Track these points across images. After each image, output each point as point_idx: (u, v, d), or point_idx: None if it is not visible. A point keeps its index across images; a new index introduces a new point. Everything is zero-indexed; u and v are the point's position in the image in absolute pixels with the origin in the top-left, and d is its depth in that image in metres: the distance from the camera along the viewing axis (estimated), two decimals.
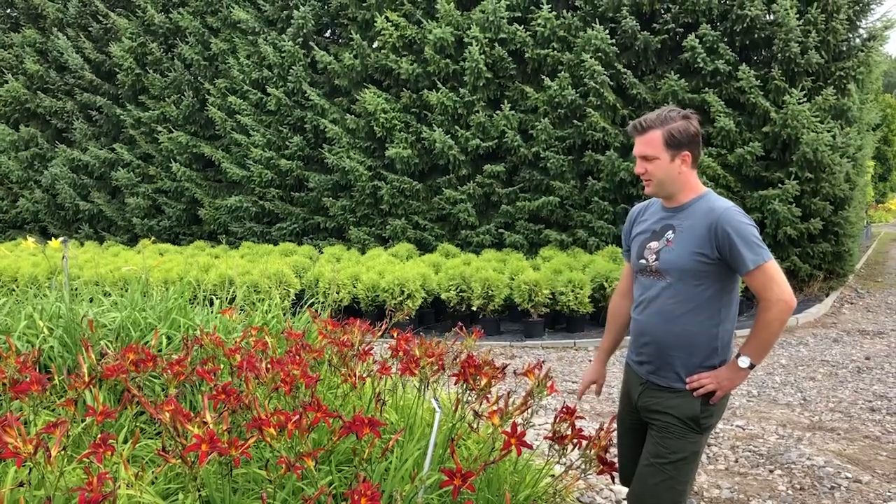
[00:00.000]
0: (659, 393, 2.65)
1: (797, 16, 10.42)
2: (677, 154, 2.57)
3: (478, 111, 11.88)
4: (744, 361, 2.54)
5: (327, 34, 14.11)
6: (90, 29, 16.12)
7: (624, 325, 2.98)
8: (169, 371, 3.04)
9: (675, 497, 2.59)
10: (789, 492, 4.28)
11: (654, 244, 2.66)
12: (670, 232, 2.62)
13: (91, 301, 4.62)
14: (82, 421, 2.82)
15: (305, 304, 5.07)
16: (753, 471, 4.59)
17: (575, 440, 2.96)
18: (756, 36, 10.70)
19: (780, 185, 10.49)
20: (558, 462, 2.99)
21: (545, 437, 3.04)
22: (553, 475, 3.34)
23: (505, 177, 12.03)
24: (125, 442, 2.92)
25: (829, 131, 10.33)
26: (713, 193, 2.66)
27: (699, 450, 2.65)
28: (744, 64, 10.58)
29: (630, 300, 2.91)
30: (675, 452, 2.58)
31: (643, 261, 2.69)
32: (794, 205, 10.47)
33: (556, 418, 3.01)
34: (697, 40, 10.61)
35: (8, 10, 18.00)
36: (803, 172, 10.41)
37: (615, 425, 2.99)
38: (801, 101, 10.27)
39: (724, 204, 2.57)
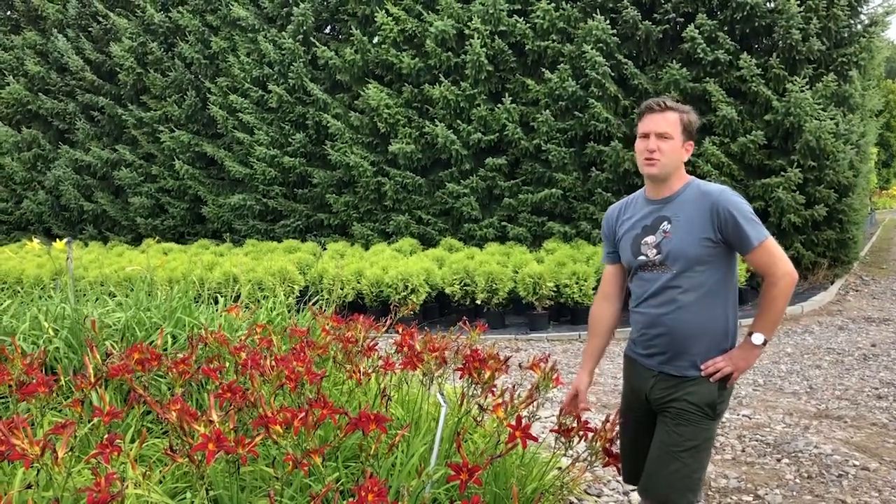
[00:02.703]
0: (673, 382, 2.61)
1: (798, 2, 10.38)
2: (685, 141, 2.61)
3: (479, 105, 11.87)
4: (758, 338, 2.54)
5: (327, 30, 14.09)
6: (90, 29, 16.12)
7: (609, 329, 2.92)
8: (174, 370, 3.05)
9: (689, 486, 2.55)
10: (797, 480, 4.27)
11: (650, 238, 2.63)
12: (666, 223, 2.60)
13: (96, 301, 4.63)
14: (89, 421, 2.83)
15: (310, 300, 5.07)
16: (760, 460, 4.59)
17: (581, 433, 2.95)
18: (756, 24, 10.66)
19: (782, 173, 10.46)
20: (565, 455, 2.99)
21: (551, 430, 3.03)
22: (560, 468, 3.34)
23: (507, 170, 12.02)
24: (132, 442, 2.93)
25: (831, 119, 10.30)
26: (697, 180, 2.67)
27: (712, 437, 2.63)
28: (745, 53, 10.54)
29: (613, 303, 2.89)
30: (690, 439, 2.55)
31: (643, 257, 2.64)
32: (798, 192, 10.45)
33: (561, 411, 2.99)
34: (697, 30, 10.58)
35: (8, 13, 18.01)
36: (806, 160, 10.38)
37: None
38: (803, 88, 10.23)
39: (716, 186, 2.59)
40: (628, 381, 2.83)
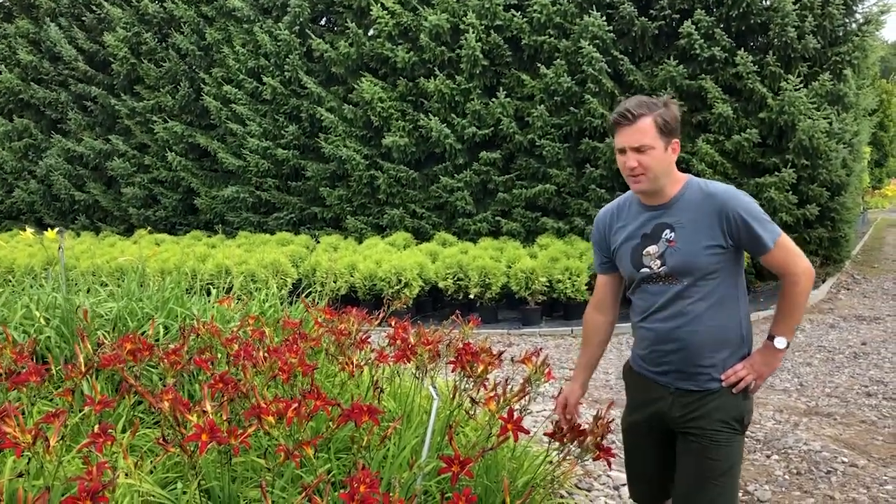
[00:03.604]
0: (694, 398, 2.43)
1: (793, 0, 10.39)
2: (669, 142, 2.36)
3: (474, 99, 11.85)
4: (780, 342, 2.39)
5: (322, 22, 14.04)
6: (83, 19, 16.00)
7: (603, 340, 2.75)
8: (166, 360, 3.04)
9: None
10: (786, 477, 4.30)
11: (652, 248, 2.42)
12: (668, 231, 2.39)
13: (88, 291, 4.62)
14: (80, 411, 2.83)
15: (302, 293, 5.07)
16: (750, 456, 4.61)
17: (576, 438, 2.88)
18: (752, 21, 10.66)
19: (776, 171, 10.48)
20: (557, 450, 2.99)
21: (545, 433, 3.02)
22: (551, 462, 3.35)
23: (501, 164, 12.01)
24: (123, 431, 2.93)
25: (825, 117, 10.32)
26: (695, 178, 2.46)
27: (743, 451, 2.50)
28: (741, 50, 10.56)
29: (607, 314, 2.72)
30: (725, 461, 2.37)
31: (646, 269, 2.44)
32: (791, 191, 10.48)
33: (557, 423, 2.93)
34: (693, 26, 10.58)
35: (0, 1, 17.88)
36: (800, 159, 10.41)
37: (612, 413, 2.94)
38: (797, 87, 10.25)
39: (720, 186, 2.39)
40: (636, 398, 2.64)
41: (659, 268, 2.40)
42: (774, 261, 2.36)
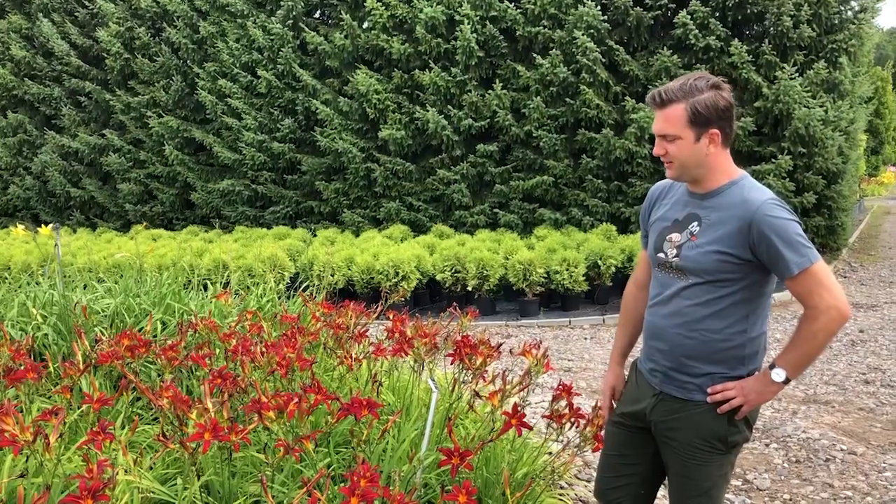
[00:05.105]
0: (676, 406, 2.28)
1: None
2: (703, 132, 2.17)
3: (470, 90, 11.83)
4: (778, 374, 2.17)
5: (316, 15, 13.99)
6: (76, 14, 15.94)
7: (639, 319, 2.53)
8: (163, 356, 3.03)
9: None
10: (785, 465, 4.31)
11: (675, 236, 2.27)
12: (695, 224, 2.23)
13: (85, 288, 4.61)
14: (78, 408, 2.82)
15: (300, 287, 5.07)
16: (749, 445, 4.62)
17: (573, 419, 2.90)
18: (748, 11, 10.66)
19: (773, 159, 10.50)
20: (555, 440, 2.99)
21: (543, 416, 3.03)
22: (550, 453, 3.35)
23: (498, 156, 12.00)
24: (122, 428, 2.92)
25: (821, 105, 10.33)
26: (750, 179, 2.26)
27: (729, 471, 2.31)
28: (735, 39, 10.55)
29: (646, 292, 2.49)
30: (704, 481, 2.24)
31: (661, 254, 2.30)
32: (788, 179, 10.49)
33: (554, 397, 2.97)
34: (689, 16, 10.57)
35: None
36: (796, 147, 10.42)
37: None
38: (792, 75, 10.26)
39: (760, 195, 2.17)
40: (630, 393, 2.50)
41: (672, 258, 2.26)
42: (796, 289, 2.13)
